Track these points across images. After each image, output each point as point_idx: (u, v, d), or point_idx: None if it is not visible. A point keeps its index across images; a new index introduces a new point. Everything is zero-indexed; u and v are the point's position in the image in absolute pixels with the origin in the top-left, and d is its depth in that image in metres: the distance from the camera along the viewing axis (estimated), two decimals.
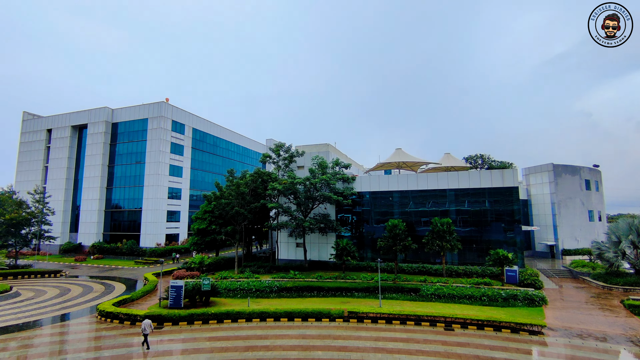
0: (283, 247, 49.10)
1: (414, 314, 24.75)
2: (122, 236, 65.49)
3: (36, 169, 73.85)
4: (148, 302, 30.74)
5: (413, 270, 40.51)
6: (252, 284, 33.31)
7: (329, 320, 25.25)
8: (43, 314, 28.27)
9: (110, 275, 45.36)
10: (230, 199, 43.34)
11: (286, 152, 47.93)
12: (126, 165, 67.70)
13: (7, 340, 22.18)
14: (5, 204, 50.26)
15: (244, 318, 25.29)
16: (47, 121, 74.83)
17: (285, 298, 31.75)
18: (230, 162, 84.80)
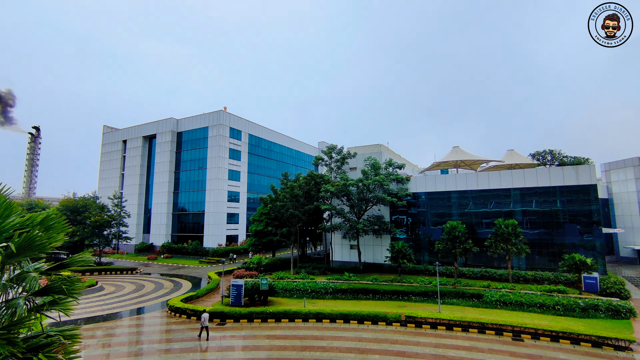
0: (337, 248, 49.21)
1: (477, 321, 23.29)
2: (188, 237, 70.37)
3: (114, 176, 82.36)
4: (211, 300, 32.58)
5: (475, 274, 38.22)
6: (307, 284, 33.79)
7: (386, 323, 24.73)
8: (122, 307, 31.28)
9: (177, 273, 48.89)
10: (284, 202, 44.48)
11: (338, 154, 48.05)
12: (190, 171, 72.75)
13: (94, 329, 24.86)
14: (90, 208, 56.67)
15: (300, 318, 25.71)
16: (123, 133, 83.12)
17: (341, 300, 31.73)
18: (284, 165, 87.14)
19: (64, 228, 7.60)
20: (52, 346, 6.80)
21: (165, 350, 20.58)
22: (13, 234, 6.52)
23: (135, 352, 20.51)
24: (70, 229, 8.13)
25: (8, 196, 7.05)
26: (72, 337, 7.21)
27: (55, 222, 7.43)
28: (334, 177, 48.48)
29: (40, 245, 6.61)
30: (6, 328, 6.13)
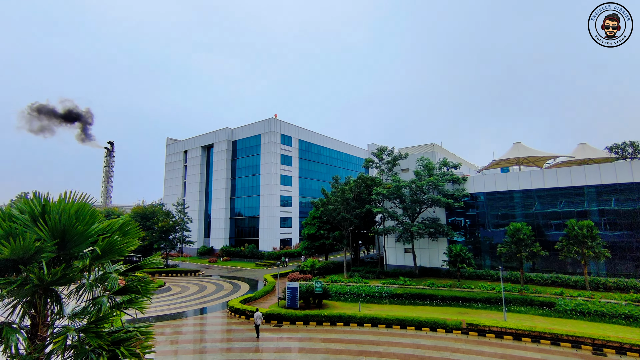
0: (391, 252, 48.19)
1: (549, 332, 21.33)
2: (244, 241, 73.48)
3: (177, 184, 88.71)
4: (268, 302, 33.58)
5: (544, 280, 35.15)
6: (361, 288, 33.46)
7: (445, 331, 23.62)
8: (188, 306, 33.41)
9: (236, 276, 51.14)
10: (336, 205, 44.62)
11: (389, 156, 47.20)
12: (245, 178, 76.08)
13: (164, 326, 26.83)
14: (157, 214, 61.56)
15: (355, 322, 25.50)
16: (183, 144, 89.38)
17: (396, 305, 30.95)
18: (334, 169, 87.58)
19: (138, 233, 8.32)
20: (130, 341, 7.43)
21: (226, 349, 21.57)
22: (97, 239, 7.28)
23: (200, 350, 21.76)
24: (142, 234, 8.89)
25: (92, 205, 7.87)
26: (147, 333, 7.82)
27: (130, 228, 8.15)
28: (385, 179, 47.66)
29: (119, 249, 7.30)
30: (94, 322, 6.82)
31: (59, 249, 6.81)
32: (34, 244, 6.20)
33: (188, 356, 20.73)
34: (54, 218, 6.67)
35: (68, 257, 7.15)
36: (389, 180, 46.11)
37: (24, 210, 7.27)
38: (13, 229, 6.52)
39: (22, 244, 6.01)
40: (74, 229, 6.76)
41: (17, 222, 6.96)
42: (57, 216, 6.71)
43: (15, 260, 6.31)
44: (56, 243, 6.69)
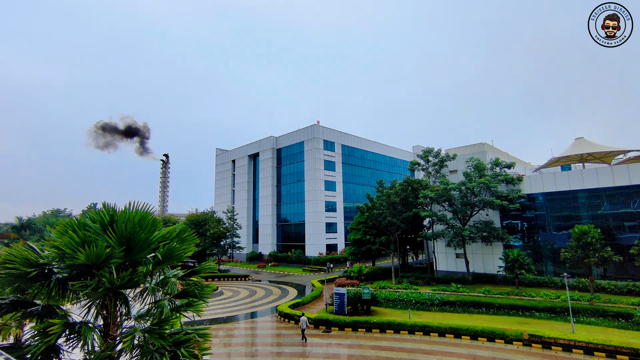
0: (441, 257, 46.34)
1: (628, 347, 19.13)
2: (291, 246, 74.71)
3: (227, 192, 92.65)
4: (316, 307, 33.73)
5: (618, 289, 31.74)
6: (411, 295, 32.47)
7: (505, 342, 22.12)
8: (238, 310, 34.56)
9: (284, 281, 52.06)
10: (381, 209, 43.90)
11: (435, 157, 45.61)
12: (290, 184, 77.58)
13: (217, 329, 27.96)
14: (209, 221, 64.67)
15: (406, 330, 24.76)
16: (231, 154, 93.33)
17: (449, 313, 29.61)
18: (378, 172, 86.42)
19: (194, 240, 8.78)
20: (189, 342, 7.82)
21: (277, 353, 21.95)
22: (158, 245, 7.79)
23: (252, 353, 22.35)
24: (197, 241, 9.38)
25: (152, 214, 8.45)
26: (204, 335, 8.20)
27: (187, 235, 8.63)
28: (433, 181, 46.10)
29: (177, 255, 7.75)
30: (157, 324, 7.28)
31: (125, 255, 7.39)
32: (105, 251, 6.78)
33: (240, 359, 21.38)
34: (120, 227, 7.26)
35: (133, 262, 7.73)
36: (437, 182, 44.51)
37: (95, 219, 7.98)
38: (87, 237, 7.19)
39: (95, 251, 6.60)
40: (137, 236, 7.30)
41: (90, 231, 7.67)
42: (123, 225, 7.30)
43: (89, 265, 6.94)
44: (123, 250, 7.26)
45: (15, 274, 7.11)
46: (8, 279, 7.21)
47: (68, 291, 7.77)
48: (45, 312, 7.56)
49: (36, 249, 7.89)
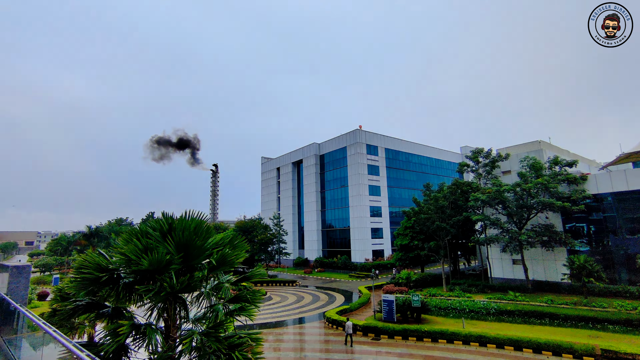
0: (496, 263, 43.66)
1: None
2: (336, 252, 74.60)
3: (272, 199, 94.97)
4: (364, 314, 33.28)
5: None
6: (464, 303, 30.91)
7: (573, 357, 20.21)
8: (287, 315, 35.06)
9: (330, 287, 52.04)
10: (429, 214, 42.46)
11: (486, 158, 43.32)
12: (333, 190, 77.75)
13: (267, 333, 28.56)
14: (257, 228, 66.67)
15: (460, 340, 23.57)
16: (276, 162, 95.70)
17: (507, 323, 27.74)
18: (425, 175, 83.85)
19: (245, 246, 9.08)
20: (243, 346, 8.06)
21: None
22: (212, 252, 8.17)
23: (301, 358, 22.52)
24: (248, 247, 9.69)
25: (206, 222, 8.88)
26: (257, 339, 8.40)
27: (238, 242, 8.96)
28: (484, 183, 43.78)
29: (230, 261, 8.06)
30: (213, 328, 7.60)
31: (183, 261, 7.83)
32: (165, 257, 7.24)
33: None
34: (178, 234, 7.71)
35: (190, 268, 8.17)
36: (488, 184, 42.19)
37: (155, 228, 8.56)
38: (149, 244, 7.73)
39: (156, 257, 7.07)
40: (194, 243, 7.72)
41: (151, 238, 8.24)
42: (180, 233, 7.75)
43: (152, 270, 7.44)
44: (181, 256, 7.70)
45: (89, 278, 7.82)
46: (83, 283, 7.94)
47: (133, 294, 8.40)
48: (114, 314, 8.22)
49: (105, 255, 8.63)
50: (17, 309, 7.85)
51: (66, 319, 8.56)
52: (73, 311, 8.12)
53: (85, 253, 8.85)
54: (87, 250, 31.34)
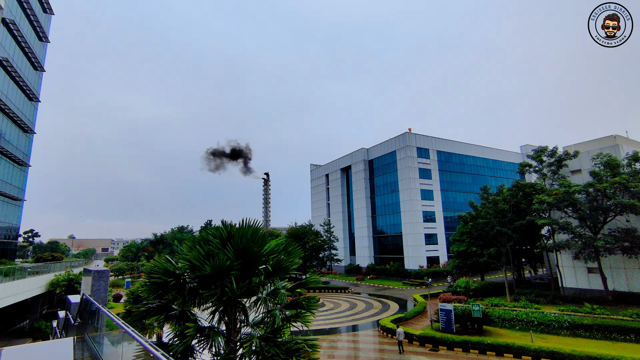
0: (568, 272, 39.79)
1: None
2: (389, 259, 72.97)
3: (322, 206, 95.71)
4: (420, 323, 32.06)
5: None
6: (532, 315, 28.50)
7: None
8: (340, 322, 34.88)
9: (384, 294, 50.94)
10: (488, 218, 40.02)
11: (551, 157, 39.92)
12: (384, 195, 76.41)
13: (321, 340, 28.60)
14: (308, 234, 67.46)
15: (529, 355, 21.71)
16: (324, 168, 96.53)
17: (582, 338, 25.07)
18: (481, 178, 79.32)
19: (299, 252, 9.23)
20: (300, 352, 8.15)
21: None
22: (268, 258, 8.41)
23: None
24: (302, 254, 9.83)
25: (262, 229, 9.18)
26: (313, 346, 8.44)
27: (293, 248, 9.12)
28: (549, 184, 40.35)
29: (286, 267, 8.23)
30: (272, 332, 7.79)
31: (242, 267, 8.15)
32: (226, 263, 7.59)
33: None
34: (237, 241, 8.05)
35: (248, 274, 8.48)
36: (554, 185, 38.79)
37: (215, 235, 9.03)
38: (210, 251, 8.16)
39: (217, 263, 7.44)
40: (251, 250, 8.01)
41: (212, 245, 8.69)
42: (239, 240, 8.09)
43: (213, 276, 7.84)
44: (240, 262, 8.03)
45: (158, 283, 8.44)
46: (153, 287, 8.59)
47: (197, 298, 8.90)
48: (180, 316, 8.76)
49: (172, 261, 9.26)
50: (100, 309, 8.70)
51: (139, 319, 9.29)
52: (145, 313, 8.80)
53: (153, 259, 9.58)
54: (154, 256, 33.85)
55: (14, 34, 41.23)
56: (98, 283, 15.67)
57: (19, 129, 44.80)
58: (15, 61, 41.49)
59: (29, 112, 47.54)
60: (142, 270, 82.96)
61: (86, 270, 20.57)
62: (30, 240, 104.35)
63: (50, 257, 56.77)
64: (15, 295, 29.68)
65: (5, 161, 41.54)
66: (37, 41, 48.78)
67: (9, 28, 40.12)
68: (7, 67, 39.47)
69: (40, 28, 48.70)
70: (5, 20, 38.70)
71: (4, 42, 38.93)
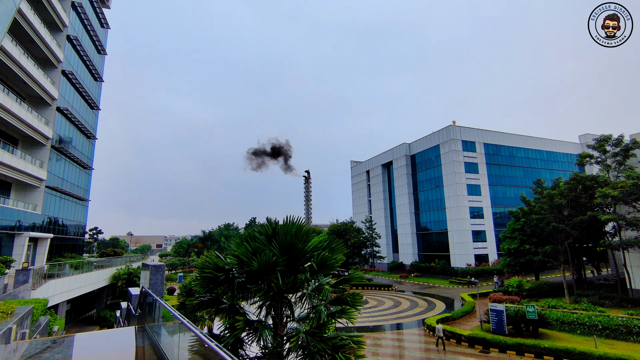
0: (637, 272, 36.12)
1: None
2: (434, 256, 70.80)
3: (363, 202, 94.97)
4: (468, 323, 30.82)
5: None
6: (595, 319, 26.27)
7: None
8: (384, 320, 34.49)
9: (429, 293, 49.57)
10: (542, 214, 37.44)
11: (616, 146, 36.38)
12: (427, 191, 74.15)
13: (365, 337, 28.48)
14: (349, 231, 67.33)
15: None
16: (365, 165, 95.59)
17: None
18: (534, 171, 74.34)
19: (342, 249, 9.23)
20: (345, 348, 8.17)
21: None
22: (312, 255, 8.50)
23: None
24: (345, 250, 9.83)
25: (305, 226, 9.29)
26: (359, 342, 8.42)
27: (336, 245, 9.15)
28: (614, 177, 36.85)
29: (330, 264, 8.27)
30: (317, 328, 7.88)
31: (287, 264, 8.32)
32: (272, 259, 7.79)
33: None
34: (282, 238, 8.23)
35: (293, 270, 8.63)
36: (620, 177, 35.35)
37: (261, 232, 9.29)
38: (257, 247, 8.42)
39: (264, 259, 7.65)
40: (296, 246, 8.14)
41: (258, 242, 8.95)
42: (283, 237, 8.26)
43: (260, 271, 8.08)
44: (285, 258, 8.20)
45: (209, 277, 8.86)
46: (204, 281, 9.03)
47: (245, 293, 9.23)
48: (230, 310, 9.13)
49: (221, 257, 9.67)
50: (157, 301, 9.32)
51: (192, 312, 9.84)
52: (198, 305, 9.29)
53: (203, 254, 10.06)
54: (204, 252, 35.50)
55: (77, 49, 45.20)
56: (155, 277, 16.80)
57: (84, 136, 49.12)
58: (78, 74, 45.49)
59: (91, 119, 51.94)
60: (193, 265, 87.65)
61: (144, 264, 22.14)
62: (94, 237, 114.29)
63: (112, 253, 61.86)
64: (85, 287, 32.70)
65: (73, 165, 45.77)
66: (96, 54, 53.07)
67: (73, 44, 44.03)
68: (72, 79, 43.37)
69: (99, 42, 52.94)
70: (69, 37, 42.53)
71: (68, 57, 42.81)
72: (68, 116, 42.65)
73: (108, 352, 9.40)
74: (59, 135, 40.56)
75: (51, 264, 29.92)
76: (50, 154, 39.06)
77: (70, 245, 46.95)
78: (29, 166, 34.54)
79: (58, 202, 42.04)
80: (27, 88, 35.88)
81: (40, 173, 36.61)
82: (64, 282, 28.12)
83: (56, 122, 39.90)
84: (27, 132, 34.94)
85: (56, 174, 40.78)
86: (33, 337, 17.02)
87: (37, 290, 22.57)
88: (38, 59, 38.01)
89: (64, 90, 41.83)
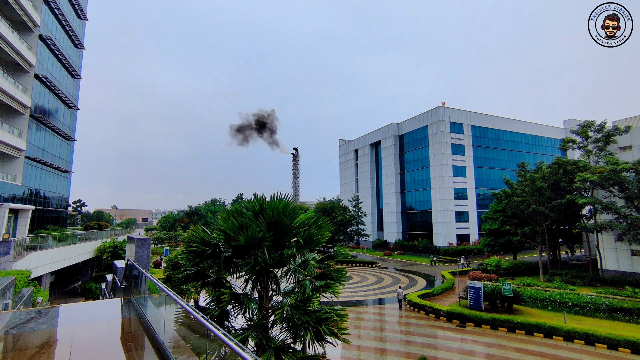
0: (609, 254, 37.95)
1: None
2: (417, 235, 72.52)
3: (351, 181, 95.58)
4: (447, 299, 32.08)
5: None
6: (566, 296, 27.69)
7: None
8: (367, 295, 35.55)
9: (411, 270, 51.07)
10: (524, 196, 38.50)
11: (598, 132, 37.26)
12: (414, 171, 74.97)
13: (348, 311, 29.36)
14: (336, 209, 68.10)
15: (560, 336, 21.30)
16: (353, 144, 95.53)
17: (621, 322, 24.18)
18: (518, 154, 75.73)
19: (329, 226, 9.37)
20: (328, 320, 8.45)
21: (406, 342, 21.82)
22: (299, 231, 8.62)
23: (381, 338, 22.79)
24: (332, 227, 9.98)
25: (292, 203, 9.35)
26: (342, 316, 8.72)
27: (323, 222, 9.27)
28: (594, 162, 37.92)
29: (316, 240, 8.41)
30: (302, 301, 8.10)
31: (273, 239, 8.43)
32: (259, 234, 7.88)
33: (370, 342, 22.07)
34: (269, 214, 8.29)
35: (279, 245, 8.76)
36: (600, 162, 36.40)
37: (248, 208, 9.32)
38: (244, 223, 8.47)
39: (251, 234, 7.73)
40: (282, 222, 8.23)
41: (245, 217, 9.00)
42: (270, 213, 8.32)
43: (247, 246, 8.17)
44: (272, 234, 8.29)
45: (196, 251, 8.92)
46: (190, 255, 9.10)
47: (231, 267, 9.35)
48: (216, 283, 9.27)
49: (207, 231, 9.71)
50: (143, 274, 9.37)
51: (178, 285, 9.93)
52: (184, 278, 9.40)
53: (189, 229, 10.08)
54: (190, 227, 35.36)
55: (54, 12, 42.78)
56: (141, 250, 16.80)
57: (64, 105, 47.33)
58: (57, 39, 43.27)
59: (72, 88, 49.92)
60: (179, 239, 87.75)
61: (130, 238, 22.06)
62: (78, 209, 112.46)
63: (97, 226, 61.20)
64: (69, 259, 32.47)
65: (53, 136, 44.30)
66: (76, 19, 50.37)
67: (50, 6, 41.61)
68: (50, 45, 41.27)
69: (79, 6, 50.14)
70: None
71: (46, 21, 40.56)
72: (47, 84, 40.87)
73: (94, 323, 9.50)
74: (38, 104, 38.99)
75: (33, 236, 29.52)
76: (30, 124, 37.63)
77: (52, 218, 46.13)
78: (6, 135, 33.28)
79: (39, 173, 40.92)
80: (1, 53, 34.06)
81: (19, 143, 35.38)
82: (47, 254, 27.87)
83: (34, 90, 38.22)
84: (4, 99, 33.42)
85: (36, 144, 39.47)
86: (16, 308, 16.99)
87: (19, 262, 22.33)
88: (12, 22, 35.89)
89: (42, 57, 39.84)
